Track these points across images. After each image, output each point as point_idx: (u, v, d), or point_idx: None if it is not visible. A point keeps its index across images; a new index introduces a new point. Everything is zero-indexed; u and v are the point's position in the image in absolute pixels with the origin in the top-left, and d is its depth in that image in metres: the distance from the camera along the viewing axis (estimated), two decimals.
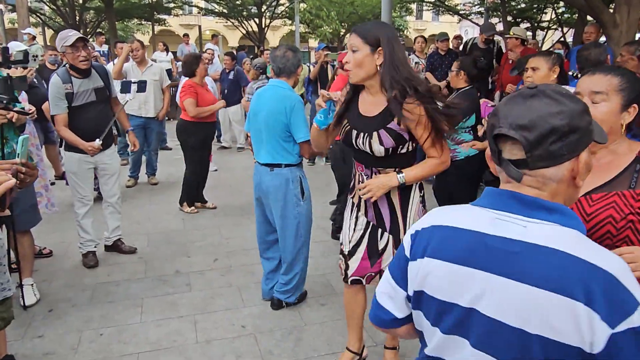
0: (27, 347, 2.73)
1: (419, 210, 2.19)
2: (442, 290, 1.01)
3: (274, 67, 2.95)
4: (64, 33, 3.50)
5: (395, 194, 2.15)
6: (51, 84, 3.51)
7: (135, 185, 6.08)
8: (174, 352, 2.68)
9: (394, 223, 2.18)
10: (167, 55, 11.63)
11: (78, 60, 3.44)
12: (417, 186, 2.18)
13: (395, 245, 2.21)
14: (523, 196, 0.98)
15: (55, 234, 4.43)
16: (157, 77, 5.95)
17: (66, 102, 3.49)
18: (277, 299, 3.11)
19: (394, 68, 1.96)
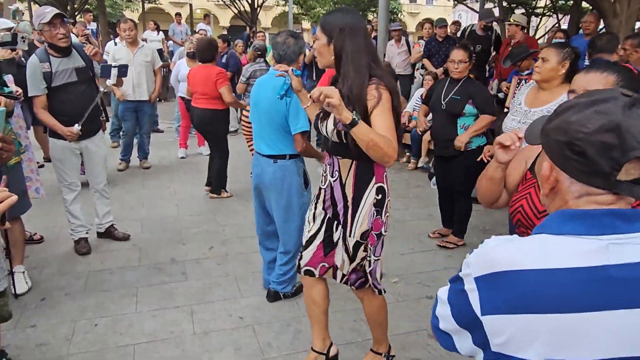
0: (20, 337, 2.67)
1: (371, 214, 2.07)
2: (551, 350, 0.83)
3: (275, 54, 2.87)
4: (40, 10, 3.34)
5: (349, 189, 2.09)
6: (29, 63, 3.34)
7: (127, 169, 5.97)
8: (171, 344, 2.64)
9: (345, 216, 2.13)
10: (157, 35, 11.39)
11: (57, 38, 3.27)
12: (374, 189, 2.07)
13: (344, 238, 2.15)
14: (623, 211, 0.86)
15: (47, 218, 4.34)
16: (148, 59, 5.81)
17: (44, 82, 3.33)
18: (274, 291, 3.07)
19: (345, 60, 1.93)
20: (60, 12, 3.30)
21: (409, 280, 3.41)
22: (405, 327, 2.85)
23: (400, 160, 6.72)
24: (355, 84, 1.89)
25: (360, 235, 2.09)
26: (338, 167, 2.10)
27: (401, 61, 7.56)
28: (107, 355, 2.53)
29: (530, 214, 1.54)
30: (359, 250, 2.13)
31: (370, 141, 1.82)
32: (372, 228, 2.09)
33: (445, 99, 3.78)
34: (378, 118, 1.88)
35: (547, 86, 2.81)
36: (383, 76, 1.95)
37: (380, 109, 1.89)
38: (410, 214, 4.76)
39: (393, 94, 1.94)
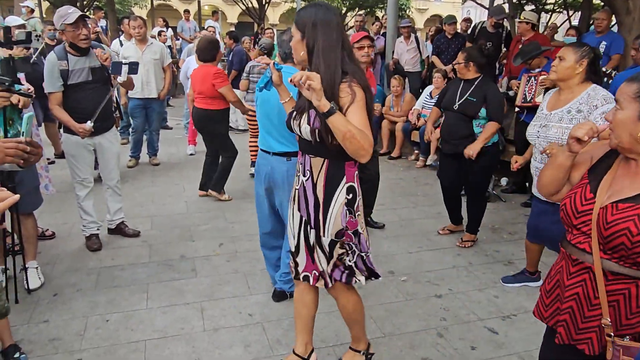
0: (33, 332, 2.70)
1: (343, 213, 2.06)
2: None
3: (281, 52, 2.85)
4: (63, 10, 3.40)
5: (320, 189, 2.07)
6: (47, 60, 3.42)
7: (137, 166, 6.01)
8: (182, 340, 2.66)
9: (316, 218, 2.10)
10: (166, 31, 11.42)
11: (79, 38, 3.35)
12: (345, 188, 2.06)
13: (317, 240, 2.12)
14: None
15: (57, 214, 4.38)
16: (157, 56, 5.83)
17: (61, 80, 3.39)
18: (280, 291, 3.06)
19: (316, 56, 1.91)
20: (83, 13, 3.38)
21: (417, 279, 3.41)
22: (414, 326, 2.85)
23: (408, 158, 6.71)
24: (326, 79, 1.86)
25: (335, 234, 2.07)
26: (310, 166, 2.08)
27: (410, 58, 7.53)
28: (118, 351, 2.56)
29: (570, 213, 1.55)
30: (335, 248, 2.11)
31: (347, 132, 1.80)
32: (347, 227, 2.07)
33: (460, 100, 3.75)
34: (353, 114, 1.87)
35: (565, 85, 2.79)
36: (356, 72, 1.93)
37: (355, 105, 1.88)
38: (419, 212, 4.76)
39: (366, 90, 1.93)
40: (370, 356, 2.47)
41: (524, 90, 4.83)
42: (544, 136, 2.83)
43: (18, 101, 2.76)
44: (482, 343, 2.72)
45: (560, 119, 2.77)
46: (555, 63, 2.77)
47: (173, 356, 2.53)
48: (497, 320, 2.93)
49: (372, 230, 4.25)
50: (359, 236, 2.13)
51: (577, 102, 2.73)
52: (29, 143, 1.74)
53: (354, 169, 2.08)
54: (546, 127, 2.82)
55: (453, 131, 3.84)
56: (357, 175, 2.11)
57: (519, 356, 2.61)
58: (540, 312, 1.72)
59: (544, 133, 2.83)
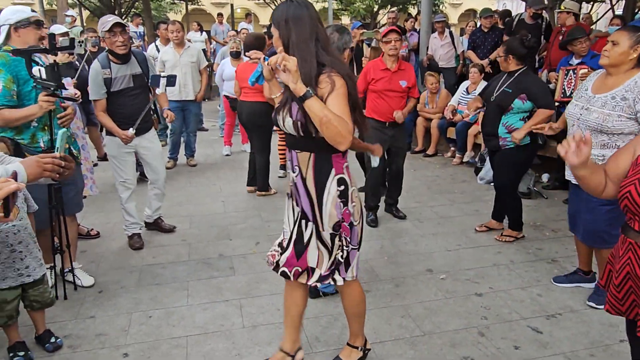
0: (81, 327, 2.80)
1: (338, 205, 2.06)
2: None
3: None
4: (103, 18, 3.56)
5: (311, 184, 2.06)
6: (91, 69, 3.57)
7: (175, 167, 6.15)
8: (222, 337, 2.70)
9: (313, 213, 2.10)
10: (201, 35, 11.64)
11: (115, 45, 3.48)
12: (335, 180, 2.05)
13: (317, 235, 2.11)
14: None
15: (101, 214, 4.53)
16: (194, 59, 5.95)
17: (105, 87, 3.53)
18: (315, 288, 3.05)
19: (292, 51, 1.92)
20: (119, 21, 3.48)
21: (456, 277, 3.35)
22: (454, 324, 2.79)
23: (445, 155, 6.60)
24: (302, 72, 1.88)
25: (333, 227, 2.08)
26: (297, 161, 2.08)
27: (444, 54, 7.41)
28: (162, 346, 2.62)
29: (637, 200, 1.51)
30: (335, 241, 2.11)
31: (324, 117, 1.82)
32: (343, 219, 2.08)
33: (498, 91, 3.69)
34: (332, 102, 1.88)
35: (615, 71, 2.68)
36: (334, 63, 1.94)
37: (335, 94, 1.88)
38: (456, 209, 4.67)
39: (347, 79, 1.93)
40: (367, 351, 2.45)
41: (562, 84, 4.67)
42: (584, 119, 2.73)
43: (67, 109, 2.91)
44: (525, 342, 2.64)
45: (604, 105, 2.66)
46: (607, 48, 2.65)
47: (214, 352, 2.57)
48: (541, 320, 2.84)
49: (408, 228, 4.21)
50: (353, 229, 2.14)
51: (623, 89, 2.61)
52: (63, 158, 1.88)
53: (343, 161, 2.08)
54: (588, 110, 2.71)
55: (484, 124, 3.85)
56: (346, 166, 2.10)
57: (565, 356, 2.52)
58: (616, 308, 1.67)
59: (585, 116, 2.73)
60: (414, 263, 3.56)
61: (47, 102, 2.67)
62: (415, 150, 6.77)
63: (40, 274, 2.45)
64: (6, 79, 2.71)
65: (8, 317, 2.41)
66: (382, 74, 4.12)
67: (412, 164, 6.28)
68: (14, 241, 2.35)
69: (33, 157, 1.84)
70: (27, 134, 2.83)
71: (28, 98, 2.79)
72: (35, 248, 2.46)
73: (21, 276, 2.38)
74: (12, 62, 2.75)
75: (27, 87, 2.78)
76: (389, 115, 4.12)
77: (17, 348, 2.49)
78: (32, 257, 2.42)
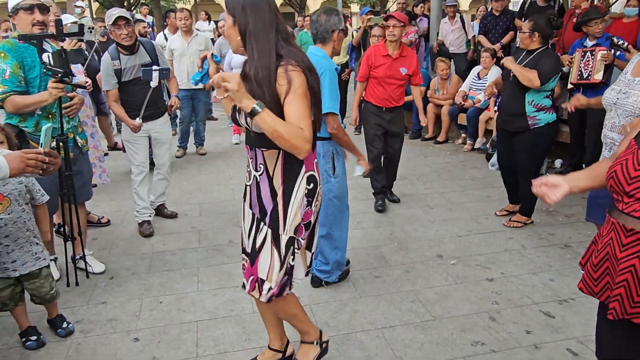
0: (92, 312, 2.83)
1: (303, 205, 1.92)
2: None
3: (311, 33, 2.82)
4: (108, 12, 3.65)
5: (278, 182, 1.90)
6: (102, 60, 3.66)
7: (184, 156, 6.17)
8: (232, 322, 2.71)
9: (274, 215, 1.93)
10: (209, 25, 11.61)
11: (120, 37, 3.56)
12: (305, 178, 1.91)
13: (273, 241, 1.94)
14: None
15: (111, 202, 4.56)
16: (202, 47, 5.93)
17: (116, 78, 3.62)
18: (316, 277, 3.02)
19: (248, 41, 1.77)
20: (123, 15, 3.55)
21: (467, 262, 3.32)
22: (465, 309, 2.77)
23: (455, 141, 6.53)
24: (261, 65, 1.74)
25: (294, 230, 1.93)
26: (263, 159, 1.91)
27: (455, 39, 7.28)
28: (172, 331, 2.64)
29: (622, 180, 1.48)
30: (291, 248, 1.95)
31: (274, 132, 1.69)
32: (303, 219, 1.94)
33: None
34: (290, 106, 1.74)
35: None
36: (292, 54, 1.78)
37: (292, 95, 1.73)
38: (467, 195, 4.62)
39: (306, 72, 1.78)
40: (325, 344, 2.31)
41: (579, 66, 4.57)
42: (621, 104, 2.64)
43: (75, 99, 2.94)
44: (537, 327, 2.61)
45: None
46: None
47: (224, 336, 2.58)
48: (554, 304, 2.81)
49: (419, 214, 4.18)
50: (310, 229, 2.00)
51: None
52: (48, 154, 1.84)
53: (312, 156, 1.93)
54: (626, 94, 2.63)
55: (505, 105, 3.75)
56: (316, 162, 1.97)
57: (577, 340, 2.49)
58: (589, 287, 1.64)
59: (622, 100, 2.64)
60: (424, 249, 3.54)
61: (56, 89, 2.67)
62: (425, 137, 6.71)
63: (34, 268, 2.43)
64: (13, 64, 2.72)
65: (2, 303, 2.42)
66: (383, 59, 4.07)
67: (423, 150, 6.23)
68: (0, 234, 2.33)
69: (17, 152, 1.82)
70: (31, 122, 2.84)
71: (33, 85, 2.80)
72: (29, 243, 2.42)
73: (7, 270, 2.37)
74: (18, 48, 2.76)
75: (32, 73, 2.79)
76: (387, 102, 4.09)
77: (29, 333, 2.52)
78: (22, 251, 2.39)
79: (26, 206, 2.45)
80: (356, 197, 4.48)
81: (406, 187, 4.80)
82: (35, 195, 2.53)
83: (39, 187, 2.55)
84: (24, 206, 2.43)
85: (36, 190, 2.53)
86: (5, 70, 2.71)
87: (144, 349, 2.50)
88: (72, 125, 3.04)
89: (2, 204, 2.34)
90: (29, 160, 1.76)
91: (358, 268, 3.25)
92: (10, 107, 2.74)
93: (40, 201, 2.56)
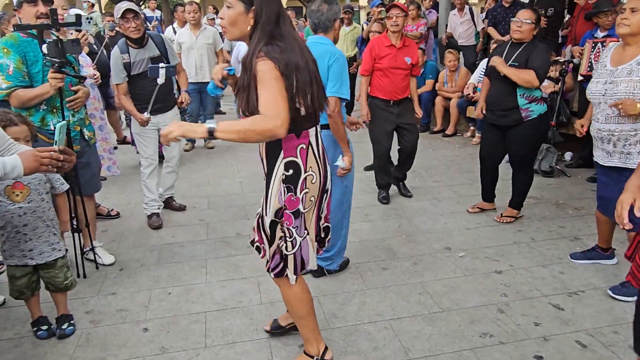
0: (102, 303, 2.85)
1: (281, 191, 1.92)
2: None
3: (310, 23, 2.81)
4: (117, 6, 3.65)
5: (265, 162, 1.98)
6: (112, 54, 3.69)
7: (193, 149, 6.19)
8: (240, 313, 2.72)
9: (265, 195, 2.00)
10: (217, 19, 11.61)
11: (129, 30, 3.58)
12: (283, 164, 1.91)
13: (260, 221, 2.05)
14: None
15: (121, 195, 4.59)
16: (210, 41, 5.94)
17: (125, 71, 3.64)
18: (319, 266, 3.01)
19: (261, 28, 1.79)
20: (130, 7, 3.56)
21: (476, 255, 3.30)
22: (473, 301, 2.76)
23: (464, 134, 6.49)
24: (250, 50, 1.78)
25: (274, 213, 1.96)
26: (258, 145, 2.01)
27: (464, 31, 7.24)
28: (181, 321, 2.66)
29: None
30: (276, 229, 1.99)
31: (238, 136, 1.72)
32: (286, 206, 1.94)
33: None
34: (259, 93, 1.75)
35: (634, 41, 2.57)
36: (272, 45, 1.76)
37: (258, 86, 1.75)
38: (476, 188, 4.57)
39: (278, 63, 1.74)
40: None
41: (589, 57, 4.51)
42: (611, 93, 2.63)
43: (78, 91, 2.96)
44: (546, 319, 2.59)
45: (630, 72, 2.57)
46: (626, 15, 2.53)
47: (232, 327, 2.60)
48: (563, 297, 2.79)
49: (427, 207, 4.16)
50: (300, 218, 1.98)
51: None
52: (62, 151, 1.85)
53: (296, 142, 1.91)
54: (614, 83, 2.62)
55: (496, 102, 3.62)
56: (301, 148, 1.93)
57: (587, 333, 2.47)
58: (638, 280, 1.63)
59: (611, 90, 2.63)
60: (432, 241, 3.52)
61: (55, 79, 2.68)
62: (434, 130, 6.68)
63: (50, 259, 2.45)
64: (16, 59, 2.75)
65: (19, 291, 2.46)
66: (387, 50, 4.03)
67: (431, 143, 6.20)
68: (19, 223, 2.36)
69: (31, 150, 1.83)
70: (37, 116, 2.85)
71: (36, 80, 2.81)
72: (47, 233, 2.44)
73: (25, 257, 2.40)
74: (20, 43, 2.78)
75: (35, 68, 2.81)
76: (394, 94, 4.05)
77: (40, 322, 2.55)
78: (40, 241, 2.42)
79: (46, 195, 2.47)
80: (364, 190, 4.47)
81: (414, 180, 4.78)
82: (55, 184, 2.54)
83: (58, 176, 2.56)
84: (44, 195, 2.45)
85: (56, 179, 2.54)
86: (8, 65, 2.73)
87: (153, 339, 2.52)
88: (79, 118, 3.05)
89: (22, 192, 2.36)
90: (43, 159, 1.78)
91: (365, 260, 3.25)
92: (16, 102, 2.77)
93: (60, 190, 2.57)
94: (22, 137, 2.30)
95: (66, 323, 2.58)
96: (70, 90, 2.93)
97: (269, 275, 2.94)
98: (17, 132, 2.28)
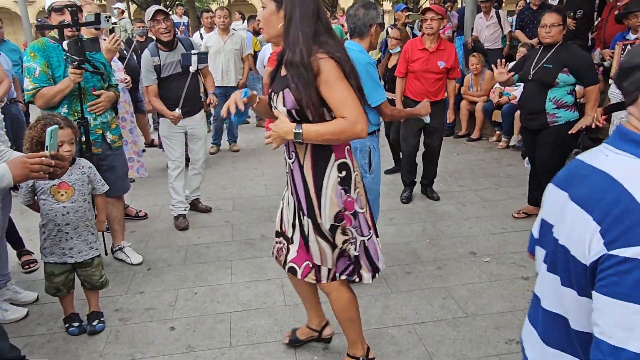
0: (131, 301, 2.93)
1: (339, 193, 1.89)
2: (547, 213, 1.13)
3: (348, 27, 2.82)
4: (148, 9, 3.77)
5: (308, 171, 1.90)
6: (142, 57, 3.79)
7: (218, 152, 6.28)
8: (264, 314, 2.75)
9: (309, 204, 1.93)
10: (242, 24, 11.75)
11: (159, 32, 3.67)
12: (336, 166, 1.89)
13: (315, 230, 1.94)
14: (622, 129, 0.99)
15: (149, 197, 4.69)
16: (237, 46, 6.03)
17: (155, 74, 3.73)
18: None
19: (292, 27, 1.76)
20: (161, 8, 3.67)
21: (502, 260, 3.26)
22: (499, 307, 2.73)
23: (489, 139, 6.41)
24: (306, 49, 1.73)
25: (334, 218, 1.91)
26: (294, 147, 1.92)
27: (490, 34, 7.16)
28: (206, 321, 2.70)
29: None
30: (337, 233, 1.94)
31: (327, 139, 1.78)
32: (345, 208, 1.92)
33: (535, 68, 3.49)
34: (329, 95, 1.74)
35: None
36: (327, 44, 1.76)
37: (325, 85, 1.73)
38: (502, 193, 4.54)
39: (341, 62, 1.75)
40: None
41: (619, 60, 4.42)
42: None
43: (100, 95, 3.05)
44: None
45: None
46: None
47: (256, 328, 2.63)
48: None
49: (451, 211, 4.13)
50: (358, 217, 1.97)
51: None
52: (54, 156, 1.76)
53: (344, 144, 1.91)
54: None
55: (528, 104, 3.61)
56: (348, 149, 1.94)
57: None
58: None
59: None
60: (457, 246, 3.50)
61: (74, 74, 2.79)
62: (458, 135, 6.62)
63: (87, 257, 2.53)
64: (41, 63, 2.88)
65: (56, 289, 2.55)
66: (419, 54, 4.03)
67: (456, 147, 6.15)
68: (62, 222, 2.44)
69: (20, 157, 1.76)
70: None
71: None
72: (86, 232, 2.52)
73: (65, 255, 2.49)
74: (47, 48, 2.91)
75: (57, 72, 2.92)
76: (424, 96, 4.04)
77: (72, 319, 2.64)
78: (79, 239, 2.50)
79: (87, 196, 2.56)
80: (388, 194, 4.46)
81: (439, 184, 4.74)
82: (96, 185, 2.62)
83: (99, 177, 2.65)
84: (86, 196, 2.54)
85: (97, 180, 2.63)
86: (35, 69, 2.87)
87: (179, 338, 2.57)
88: (101, 122, 3.10)
89: (67, 192, 2.44)
90: (32, 166, 1.70)
91: (390, 264, 3.25)
92: (41, 101, 2.88)
93: (101, 191, 2.66)
94: (67, 140, 2.38)
95: (97, 320, 2.65)
96: (93, 94, 3.02)
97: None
98: (62, 135, 2.31)
